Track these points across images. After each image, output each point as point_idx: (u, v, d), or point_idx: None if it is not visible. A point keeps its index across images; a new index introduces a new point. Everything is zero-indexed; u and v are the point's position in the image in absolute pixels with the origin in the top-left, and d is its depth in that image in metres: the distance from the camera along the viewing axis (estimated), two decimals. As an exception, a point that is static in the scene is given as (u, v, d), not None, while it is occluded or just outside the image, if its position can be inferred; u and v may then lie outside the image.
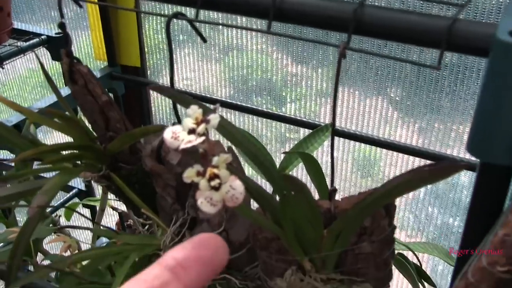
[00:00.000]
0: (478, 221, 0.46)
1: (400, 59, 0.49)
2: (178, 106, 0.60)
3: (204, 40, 0.55)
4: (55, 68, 1.69)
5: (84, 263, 0.72)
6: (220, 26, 1.35)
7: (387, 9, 0.47)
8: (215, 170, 0.31)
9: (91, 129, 0.69)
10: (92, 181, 0.69)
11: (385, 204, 0.52)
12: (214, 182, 0.30)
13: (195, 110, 0.31)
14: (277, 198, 0.51)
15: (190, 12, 0.73)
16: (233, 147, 0.54)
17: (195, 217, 0.64)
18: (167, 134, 0.32)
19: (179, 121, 0.63)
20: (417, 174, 0.44)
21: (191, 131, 0.31)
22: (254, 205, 0.53)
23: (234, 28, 1.37)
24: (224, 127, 0.50)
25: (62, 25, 0.57)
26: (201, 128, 0.30)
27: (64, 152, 0.62)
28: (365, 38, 1.10)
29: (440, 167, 0.42)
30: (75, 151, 0.60)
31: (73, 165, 0.63)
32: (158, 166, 0.61)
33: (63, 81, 1.41)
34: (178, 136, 0.31)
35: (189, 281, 0.29)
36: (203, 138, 0.30)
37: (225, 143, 0.56)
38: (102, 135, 0.66)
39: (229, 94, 1.56)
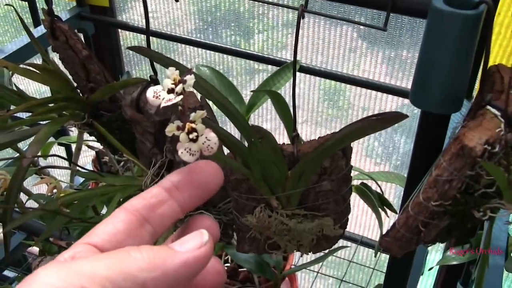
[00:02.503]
0: (420, 162, 0.53)
1: (351, 21, 0.54)
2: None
3: None
4: (21, 7, 1.69)
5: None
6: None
7: (341, -25, 0.52)
8: (193, 125, 0.34)
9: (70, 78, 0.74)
10: (76, 128, 0.74)
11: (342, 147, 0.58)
12: (192, 135, 0.34)
13: (173, 72, 0.35)
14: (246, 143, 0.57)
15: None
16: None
17: (172, 159, 0.69)
18: (149, 94, 0.36)
19: (154, 72, 0.68)
20: (367, 122, 0.50)
21: (170, 91, 0.34)
22: (226, 150, 0.59)
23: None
24: (198, 83, 0.55)
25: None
26: (179, 87, 0.34)
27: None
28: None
29: (386, 116, 0.49)
30: (61, 102, 0.64)
31: (58, 115, 0.69)
32: (137, 115, 0.66)
33: (31, 20, 1.42)
34: (159, 95, 0.35)
35: (182, 201, 0.34)
36: (181, 96, 0.34)
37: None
38: (83, 86, 0.70)
39: (196, 27, 1.57)
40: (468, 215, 0.49)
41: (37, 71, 0.68)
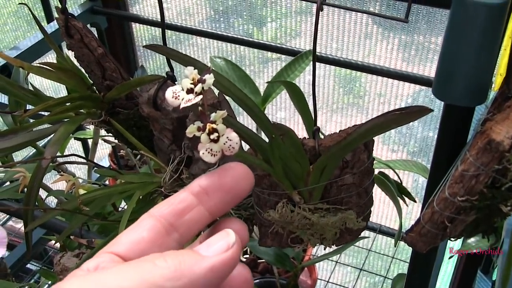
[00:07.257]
0: (444, 155, 0.52)
1: (371, 13, 0.53)
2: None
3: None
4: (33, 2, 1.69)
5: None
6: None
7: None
8: (213, 125, 0.34)
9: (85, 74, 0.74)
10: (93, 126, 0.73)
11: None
12: (213, 136, 0.34)
13: (191, 71, 0.34)
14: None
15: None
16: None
17: (190, 156, 0.69)
18: (169, 94, 0.35)
19: (170, 68, 0.68)
20: (391, 117, 0.49)
21: (190, 91, 0.34)
22: (246, 147, 0.58)
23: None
24: (216, 80, 0.54)
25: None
26: (198, 87, 0.34)
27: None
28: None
29: (409, 111, 0.48)
30: (77, 101, 0.64)
31: (75, 113, 0.68)
32: (155, 112, 0.65)
33: (43, 14, 1.42)
34: (178, 95, 0.34)
35: (212, 206, 0.32)
36: (200, 96, 0.34)
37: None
38: (99, 84, 0.70)
39: (208, 16, 1.57)
40: (495, 210, 0.48)
41: (53, 70, 0.67)
